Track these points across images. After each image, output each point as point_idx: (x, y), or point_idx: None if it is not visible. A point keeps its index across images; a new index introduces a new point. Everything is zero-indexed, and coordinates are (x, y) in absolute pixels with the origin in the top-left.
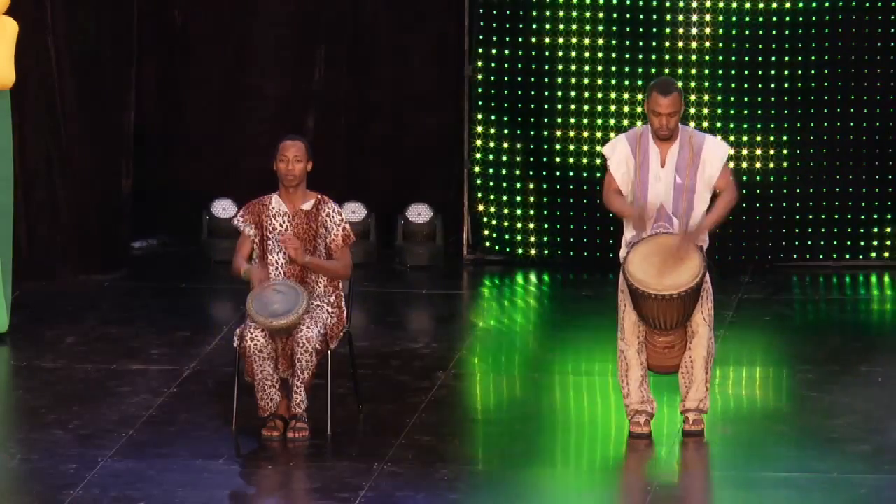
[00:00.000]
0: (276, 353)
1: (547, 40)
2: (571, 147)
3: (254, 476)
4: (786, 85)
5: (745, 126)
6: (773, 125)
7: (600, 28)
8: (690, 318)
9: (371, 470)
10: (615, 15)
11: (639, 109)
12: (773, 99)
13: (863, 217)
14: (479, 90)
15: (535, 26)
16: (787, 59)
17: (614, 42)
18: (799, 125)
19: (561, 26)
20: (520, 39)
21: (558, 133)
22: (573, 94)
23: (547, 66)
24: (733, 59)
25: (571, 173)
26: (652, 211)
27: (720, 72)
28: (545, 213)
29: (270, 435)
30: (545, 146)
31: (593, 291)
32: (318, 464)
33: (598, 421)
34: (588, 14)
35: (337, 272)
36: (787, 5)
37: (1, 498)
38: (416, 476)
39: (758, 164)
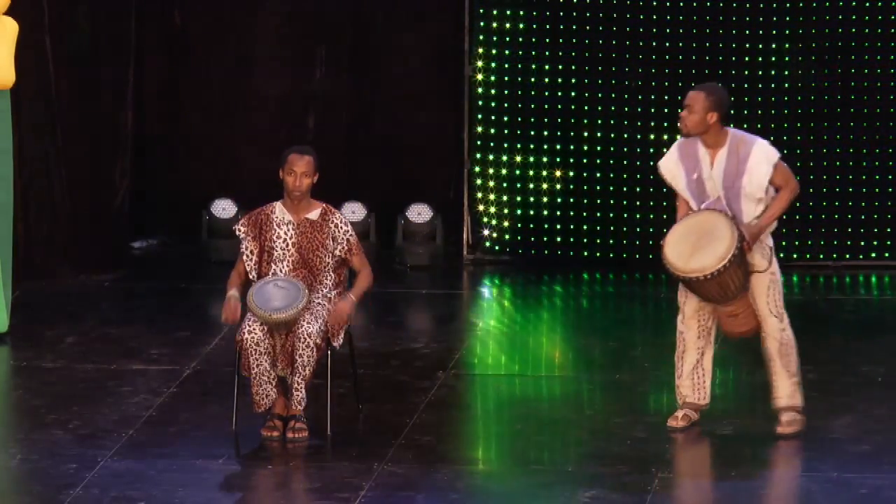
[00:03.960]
0: (273, 349)
1: (547, 40)
2: (571, 147)
3: (254, 476)
4: (786, 85)
5: (745, 127)
6: (773, 125)
7: (600, 28)
8: (747, 290)
9: (371, 470)
10: (615, 15)
11: (639, 109)
12: (773, 99)
13: (863, 217)
14: (479, 90)
15: (535, 26)
16: (786, 58)
17: (614, 42)
18: (799, 125)
19: (561, 26)
20: (520, 39)
21: (558, 133)
22: (573, 94)
23: (547, 67)
24: (734, 59)
25: (571, 173)
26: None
27: (720, 72)
28: (545, 212)
29: (270, 435)
30: (545, 146)
31: (593, 291)
32: (318, 464)
33: (598, 421)
34: (588, 14)
35: (369, 285)
36: (788, 4)
37: (1, 498)
38: (416, 476)
39: None
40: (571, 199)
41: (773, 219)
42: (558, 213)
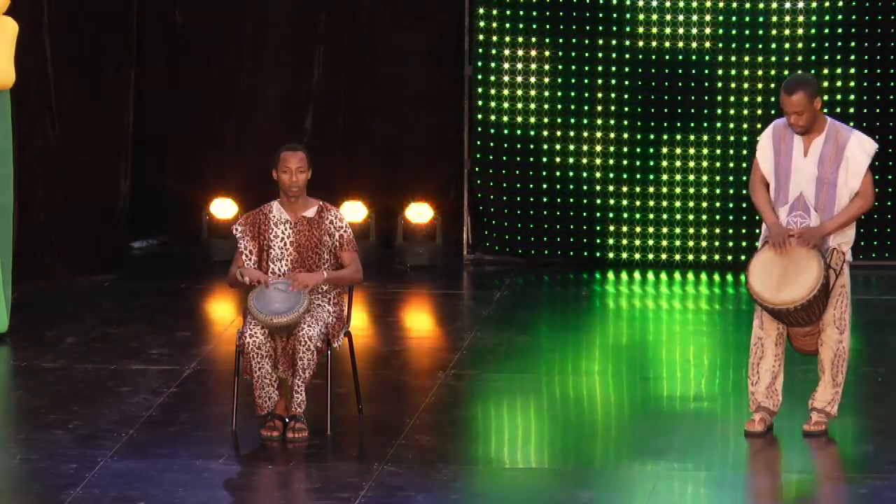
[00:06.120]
0: (274, 351)
1: (547, 40)
2: (571, 147)
3: (254, 476)
4: None
5: (745, 127)
6: None
7: (600, 28)
8: (825, 312)
9: (371, 470)
10: (615, 15)
11: (638, 109)
12: (773, 99)
13: (863, 217)
14: (479, 90)
15: (535, 26)
16: (786, 59)
17: (614, 42)
18: None
19: (561, 26)
20: (520, 39)
21: (558, 133)
22: (573, 93)
23: (547, 67)
24: (733, 59)
25: (571, 173)
26: (790, 199)
27: (720, 72)
28: (545, 213)
29: (270, 435)
30: (545, 146)
31: (593, 291)
32: (318, 464)
33: (597, 421)
34: (587, 14)
35: (352, 279)
36: (787, 6)
37: (1, 498)
38: (416, 476)
39: None
40: (571, 199)
41: (840, 225)
42: (558, 213)
